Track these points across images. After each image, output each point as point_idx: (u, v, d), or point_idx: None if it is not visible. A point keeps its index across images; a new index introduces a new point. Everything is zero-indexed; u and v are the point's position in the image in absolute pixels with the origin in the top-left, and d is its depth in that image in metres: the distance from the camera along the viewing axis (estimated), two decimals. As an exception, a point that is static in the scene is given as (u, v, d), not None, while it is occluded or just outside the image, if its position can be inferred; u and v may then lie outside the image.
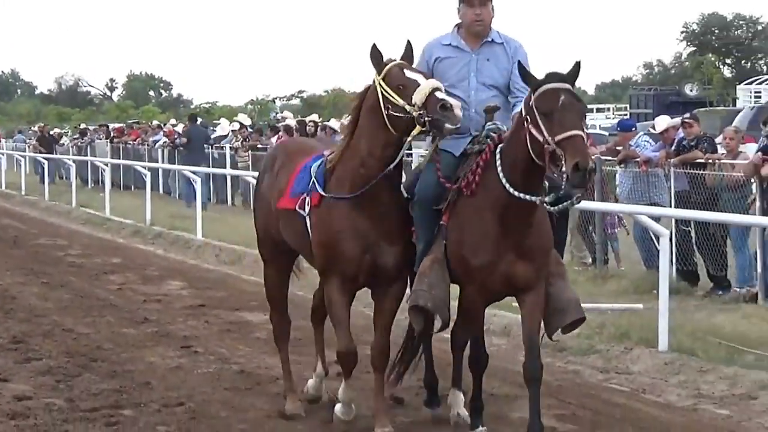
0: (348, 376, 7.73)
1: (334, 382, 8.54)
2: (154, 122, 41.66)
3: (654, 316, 10.43)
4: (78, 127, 47.34)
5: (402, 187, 7.51)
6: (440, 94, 7.01)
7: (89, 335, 11.46)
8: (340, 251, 7.40)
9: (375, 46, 7.32)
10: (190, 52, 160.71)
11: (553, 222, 7.31)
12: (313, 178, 7.63)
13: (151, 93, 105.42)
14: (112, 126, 42.38)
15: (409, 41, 7.41)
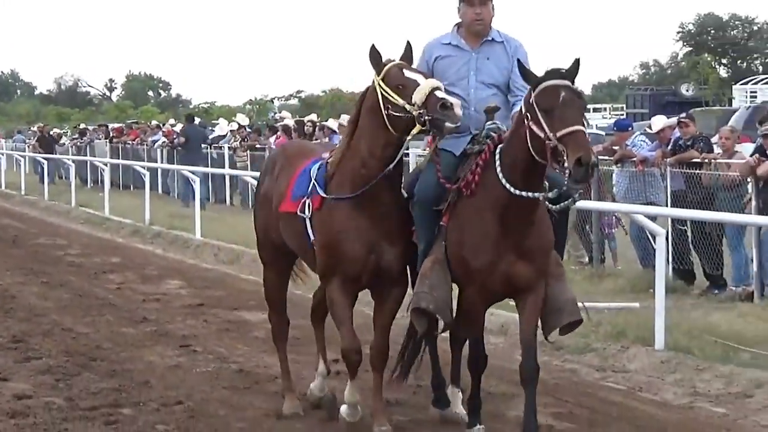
0: (354, 375, 7.67)
1: (331, 381, 8.58)
2: (153, 122, 41.54)
3: (650, 314, 10.45)
4: (77, 127, 47.29)
5: (402, 187, 7.51)
6: (440, 93, 7.00)
7: (88, 334, 11.48)
8: (343, 252, 7.38)
9: (374, 47, 7.32)
10: (188, 53, 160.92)
11: (553, 223, 7.29)
12: (313, 180, 7.62)
13: (150, 93, 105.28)
14: (111, 126, 42.34)
15: (409, 42, 7.42)
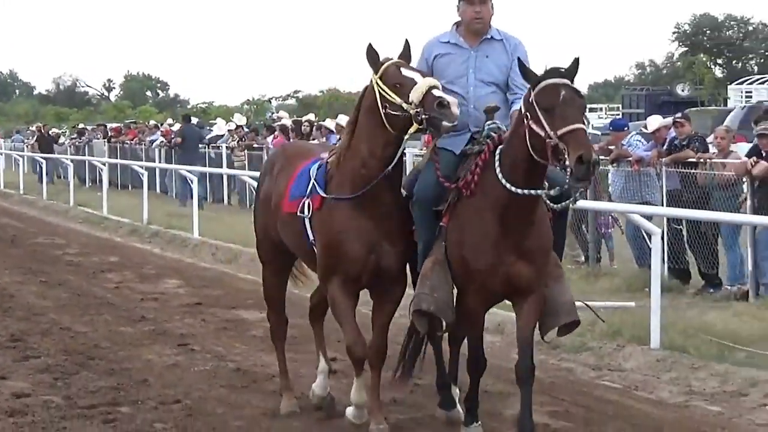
0: (360, 372, 7.61)
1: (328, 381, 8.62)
2: (151, 122, 41.52)
3: (646, 313, 10.47)
4: (76, 127, 47.34)
5: (402, 187, 7.49)
6: (437, 92, 6.98)
7: (87, 333, 11.50)
8: (344, 252, 7.36)
9: (371, 46, 7.30)
10: (187, 53, 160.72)
11: (553, 225, 7.28)
12: (313, 180, 7.61)
13: (148, 93, 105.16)
14: (109, 126, 42.32)
15: (407, 40, 7.41)
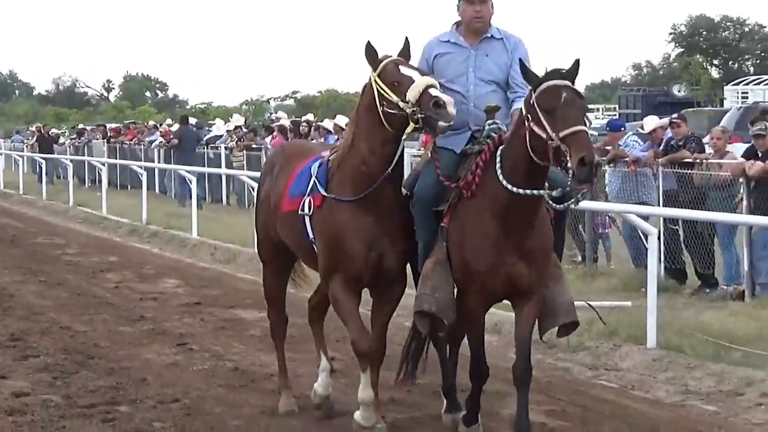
0: (365, 367, 7.51)
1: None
2: (150, 122, 41.53)
3: (642, 313, 10.48)
4: (75, 127, 47.38)
5: (403, 186, 7.47)
6: (434, 91, 6.95)
7: (86, 333, 11.53)
8: (345, 249, 7.34)
9: (369, 43, 7.26)
10: (185, 54, 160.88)
11: (553, 225, 7.27)
12: (314, 178, 7.60)
13: (147, 94, 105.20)
14: (109, 126, 42.34)
15: (407, 38, 7.39)
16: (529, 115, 6.70)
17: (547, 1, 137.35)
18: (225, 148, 28.60)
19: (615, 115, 44.07)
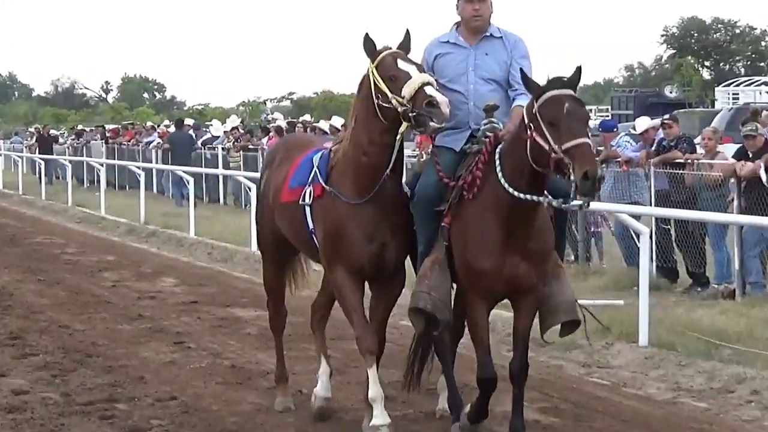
0: (371, 363, 7.35)
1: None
2: (148, 123, 41.55)
3: (634, 311, 10.52)
4: (74, 128, 47.38)
5: (404, 184, 7.44)
6: (429, 90, 6.85)
7: (85, 331, 11.55)
8: (345, 238, 7.29)
9: (368, 36, 7.20)
10: (183, 56, 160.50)
11: (554, 224, 7.24)
12: (315, 169, 7.55)
13: (145, 95, 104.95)
14: (107, 127, 42.35)
15: (408, 30, 7.31)
16: (531, 125, 6.60)
17: (540, 2, 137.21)
18: (222, 148, 28.65)
19: (607, 115, 43.88)
